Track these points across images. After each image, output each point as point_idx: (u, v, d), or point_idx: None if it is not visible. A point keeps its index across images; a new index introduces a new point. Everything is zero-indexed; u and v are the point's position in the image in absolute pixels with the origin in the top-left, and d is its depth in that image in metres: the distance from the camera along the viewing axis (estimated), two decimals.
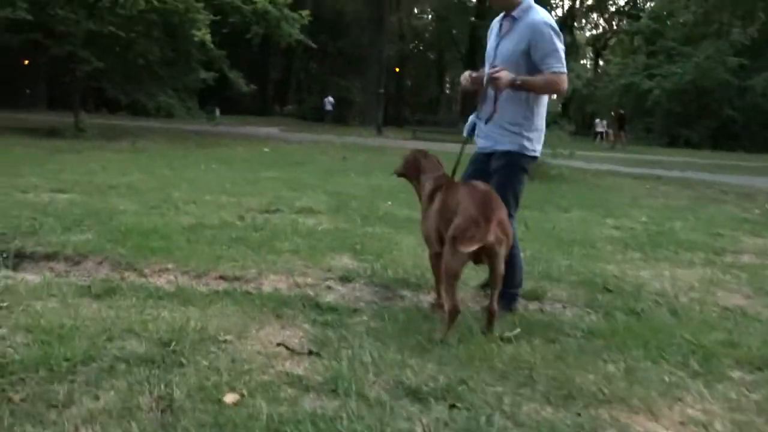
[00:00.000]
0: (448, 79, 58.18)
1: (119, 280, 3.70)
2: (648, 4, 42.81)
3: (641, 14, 37.80)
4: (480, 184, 3.18)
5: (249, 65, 23.07)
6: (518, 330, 3.12)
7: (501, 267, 3.00)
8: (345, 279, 4.09)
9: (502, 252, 2.95)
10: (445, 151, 17.13)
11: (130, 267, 4.02)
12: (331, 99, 36.42)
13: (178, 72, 18.83)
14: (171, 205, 6.43)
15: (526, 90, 3.43)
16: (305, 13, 17.74)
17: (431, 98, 55.17)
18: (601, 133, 29.32)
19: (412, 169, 3.68)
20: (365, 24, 37.71)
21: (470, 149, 3.77)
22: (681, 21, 31.96)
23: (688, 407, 2.42)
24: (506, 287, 3.38)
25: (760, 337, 3.31)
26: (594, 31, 52.14)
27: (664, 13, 34.79)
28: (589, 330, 3.26)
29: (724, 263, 5.22)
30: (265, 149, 15.37)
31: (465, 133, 3.78)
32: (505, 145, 3.54)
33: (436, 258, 3.32)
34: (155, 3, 15.02)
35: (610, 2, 46.85)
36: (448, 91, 59.01)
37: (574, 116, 41.48)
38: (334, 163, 12.61)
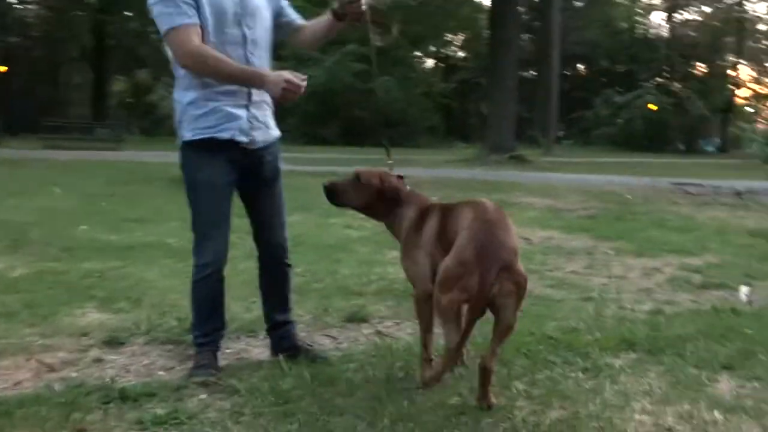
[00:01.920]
0: (62, 80, 51.43)
1: None
2: None
3: None
4: (490, 204, 2.40)
5: None
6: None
7: (508, 320, 2.22)
8: (115, 342, 2.95)
9: (511, 304, 2.19)
10: (85, 159, 15.06)
11: None
12: None
13: None
14: None
15: None
16: None
17: (42, 101, 47.99)
18: None
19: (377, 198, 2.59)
20: None
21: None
22: None
23: None
24: (286, 312, 2.82)
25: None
26: None
27: None
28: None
29: None
30: None
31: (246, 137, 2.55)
32: (276, 130, 2.76)
33: (423, 300, 2.49)
34: None
35: None
36: (63, 93, 52.18)
37: None
38: None
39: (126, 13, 33.98)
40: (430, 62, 52.69)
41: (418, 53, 46.59)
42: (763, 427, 2.16)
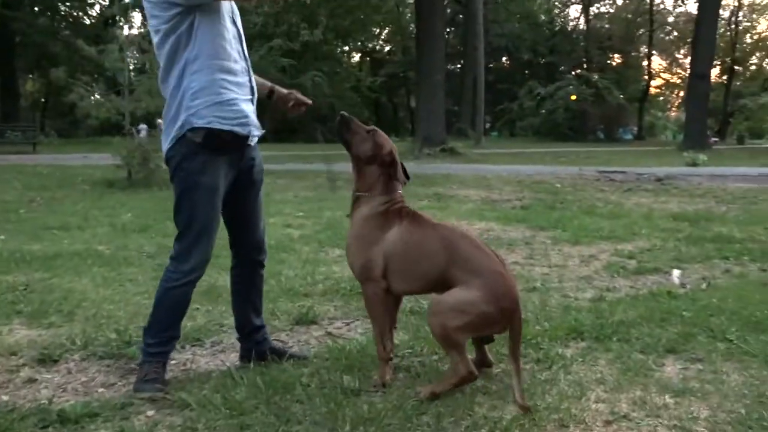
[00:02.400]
0: None
1: None
2: None
3: None
4: (464, 230, 2.59)
5: None
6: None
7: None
8: (48, 360, 2.77)
9: None
10: None
11: None
12: None
13: None
14: None
15: None
16: None
17: None
18: None
19: (374, 163, 2.53)
20: None
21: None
22: (254, 22, 33.46)
23: None
24: (260, 314, 2.78)
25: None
26: (139, 30, 50.46)
27: None
28: None
29: None
30: None
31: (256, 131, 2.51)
32: None
33: (377, 297, 2.46)
34: None
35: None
36: None
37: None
38: None
39: (34, 8, 32.26)
40: (357, 57, 52.64)
41: (345, 48, 46.49)
42: (711, 408, 2.24)
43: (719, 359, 2.69)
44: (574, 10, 51.76)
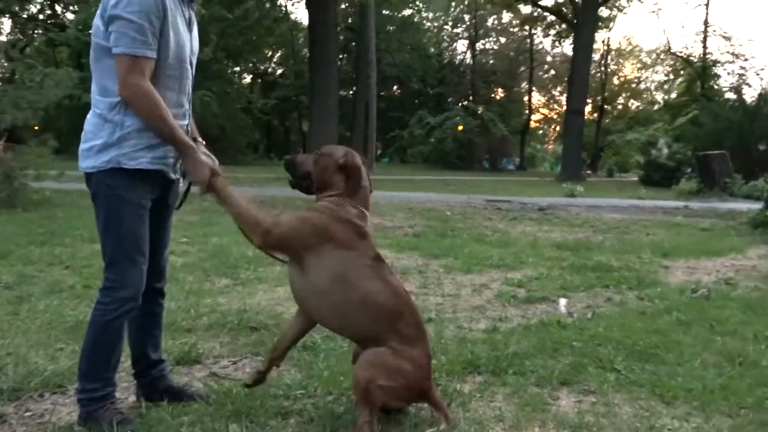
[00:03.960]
0: None
1: None
2: (68, 15, 40.99)
3: (69, 25, 35.91)
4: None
5: None
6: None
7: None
8: None
9: None
10: None
11: None
12: None
13: None
14: None
15: None
16: None
17: None
18: None
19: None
20: None
21: None
22: None
23: None
24: (159, 348, 2.59)
25: None
26: (9, 37, 46.75)
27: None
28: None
29: None
30: None
31: None
32: None
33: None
34: None
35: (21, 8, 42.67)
36: None
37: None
38: None
39: None
40: (248, 78, 51.81)
41: (236, 68, 45.58)
42: None
43: (610, 390, 2.73)
44: (462, 45, 54.08)
